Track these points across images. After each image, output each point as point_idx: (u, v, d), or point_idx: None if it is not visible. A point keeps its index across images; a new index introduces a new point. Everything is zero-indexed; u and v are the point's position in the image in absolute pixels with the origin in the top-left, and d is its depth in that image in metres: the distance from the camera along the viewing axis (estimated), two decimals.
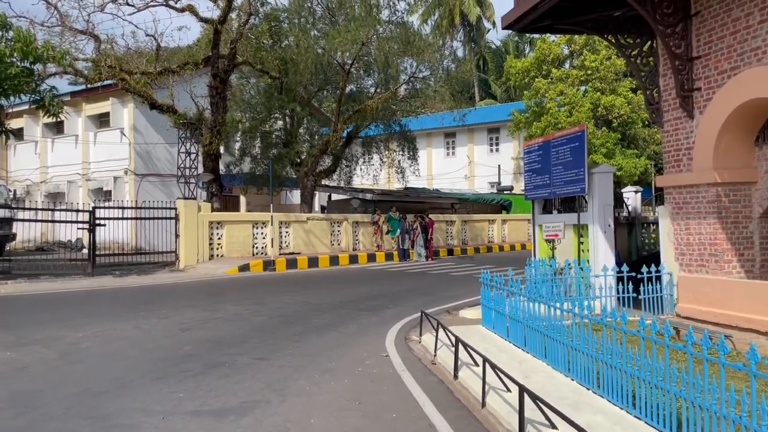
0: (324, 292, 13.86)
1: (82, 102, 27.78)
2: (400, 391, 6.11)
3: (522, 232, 31.87)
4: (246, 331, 9.19)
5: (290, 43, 22.13)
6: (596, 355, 5.41)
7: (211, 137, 20.43)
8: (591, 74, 31.87)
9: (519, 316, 7.45)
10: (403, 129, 25.64)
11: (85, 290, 14.41)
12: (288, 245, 21.53)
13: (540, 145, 13.11)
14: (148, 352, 7.81)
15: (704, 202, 8.91)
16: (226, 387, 6.20)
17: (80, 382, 6.42)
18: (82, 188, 27.74)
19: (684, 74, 9.08)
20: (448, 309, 11.45)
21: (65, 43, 18.37)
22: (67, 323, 9.84)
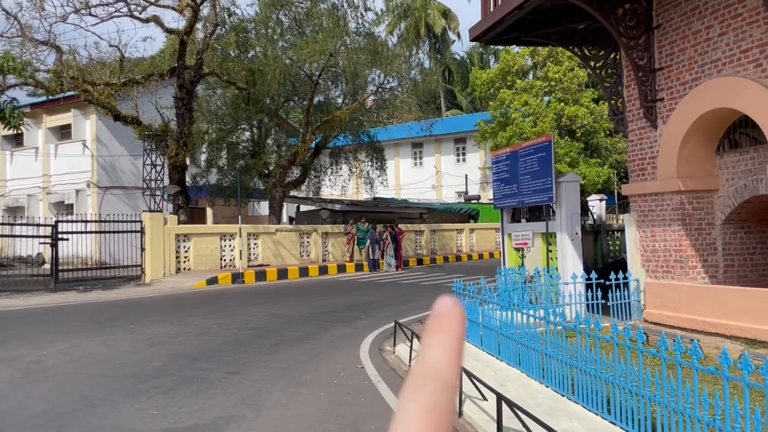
0: (295, 304, 13.75)
1: (43, 114, 27.11)
2: (377, 403, 6.09)
3: (490, 241, 32.16)
4: (217, 345, 9.05)
5: (257, 53, 22.02)
6: (570, 362, 5.48)
7: (177, 149, 20.14)
8: (554, 85, 32.50)
9: (492, 324, 7.51)
10: (372, 139, 25.70)
11: (48, 306, 14.01)
12: (257, 257, 21.32)
13: (508, 155, 13.28)
14: (117, 369, 7.63)
15: (669, 209, 9.13)
16: (199, 402, 6.09)
17: (46, 401, 6.23)
18: (42, 202, 27.02)
19: (647, 85, 9.33)
20: (420, 318, 11.46)
21: (26, 54, 17.93)
22: (29, 341, 9.54)
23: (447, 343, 0.47)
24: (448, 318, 0.48)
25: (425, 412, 0.44)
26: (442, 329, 0.48)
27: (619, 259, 14.29)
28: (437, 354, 0.47)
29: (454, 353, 0.47)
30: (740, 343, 7.52)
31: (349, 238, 23.43)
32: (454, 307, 0.48)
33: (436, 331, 0.48)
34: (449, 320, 0.48)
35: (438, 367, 0.46)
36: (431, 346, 0.48)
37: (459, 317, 0.48)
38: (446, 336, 0.47)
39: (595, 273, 9.82)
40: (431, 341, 0.48)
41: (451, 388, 0.46)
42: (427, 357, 0.47)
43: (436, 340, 0.48)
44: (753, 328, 7.42)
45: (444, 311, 0.48)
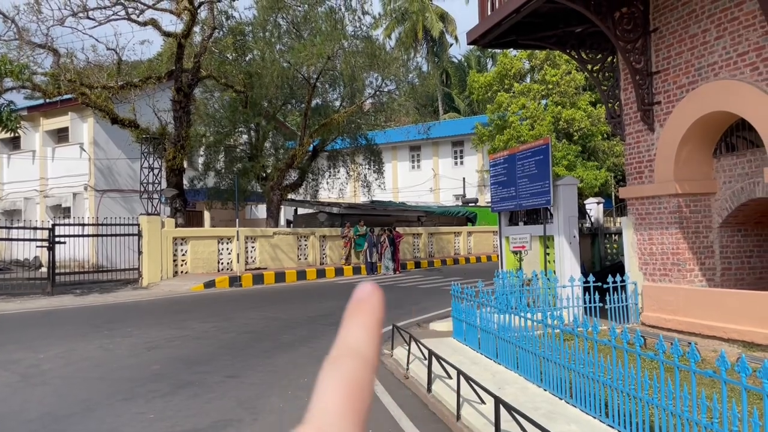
0: (292, 308, 13.74)
1: (40, 117, 27.08)
2: (375, 406, 6.08)
3: (487, 244, 32.18)
4: (214, 349, 9.04)
5: (255, 56, 22.03)
6: (568, 365, 5.48)
7: (175, 152, 20.13)
8: (552, 88, 32.57)
9: (490, 327, 7.51)
10: (370, 142, 25.72)
11: (45, 310, 13.97)
12: (254, 260, 21.30)
13: (505, 158, 13.29)
14: (114, 372, 7.61)
15: (666, 212, 9.14)
16: (196, 406, 6.07)
17: (44, 405, 6.21)
18: (39, 205, 26.97)
19: (644, 88, 9.35)
20: (418, 322, 11.47)
21: (23, 57, 17.91)
22: (27, 344, 9.51)
23: (366, 324, 0.49)
24: (367, 302, 0.50)
25: (344, 385, 0.46)
26: (361, 312, 0.50)
27: (616, 262, 14.31)
28: (357, 334, 0.49)
29: (372, 333, 0.49)
30: (738, 346, 7.53)
31: (346, 242, 23.43)
32: (373, 292, 0.51)
33: (356, 314, 0.50)
34: (368, 304, 0.50)
35: (357, 346, 0.48)
36: (351, 327, 0.49)
37: (377, 301, 0.50)
38: (365, 318, 0.49)
39: (593, 276, 9.84)
40: (351, 323, 0.49)
41: (370, 365, 0.48)
42: (347, 337, 0.49)
43: (356, 321, 0.49)
44: (750, 331, 7.43)
45: (364, 296, 0.50)
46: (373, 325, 0.49)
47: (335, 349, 0.48)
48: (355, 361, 0.47)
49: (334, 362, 0.47)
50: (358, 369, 0.47)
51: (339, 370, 0.47)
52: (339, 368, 0.47)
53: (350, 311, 0.50)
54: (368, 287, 0.51)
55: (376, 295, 0.50)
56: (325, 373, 0.47)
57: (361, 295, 0.51)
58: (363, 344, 0.48)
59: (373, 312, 0.50)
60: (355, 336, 0.49)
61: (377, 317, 0.50)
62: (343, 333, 0.50)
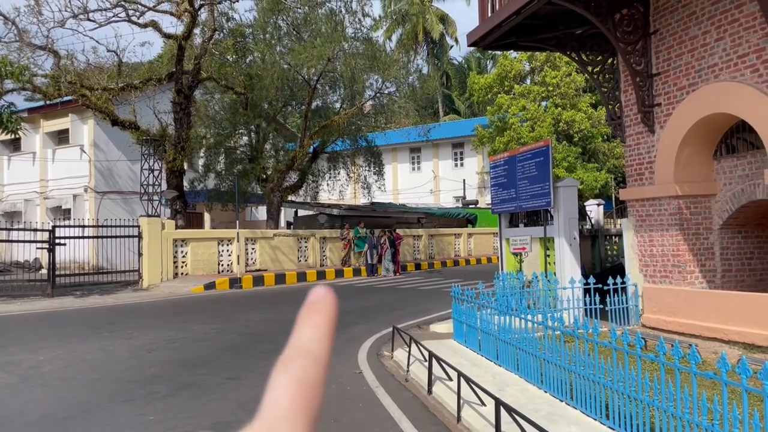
0: (292, 309, 13.66)
1: (40, 118, 27.09)
2: (376, 408, 6.08)
3: (488, 246, 32.17)
4: (214, 351, 9.03)
5: (255, 58, 22.05)
6: (569, 367, 5.48)
7: (175, 153, 20.14)
8: (552, 90, 32.59)
9: (491, 329, 7.50)
10: (370, 144, 25.72)
11: (45, 311, 13.97)
12: (254, 262, 21.30)
13: (506, 159, 13.29)
14: (114, 374, 7.60)
15: (666, 214, 9.14)
16: (196, 408, 6.07)
17: (44, 406, 6.20)
18: (39, 207, 26.97)
19: (644, 90, 9.35)
20: (418, 324, 11.46)
21: (24, 58, 17.92)
22: (27, 346, 9.51)
23: (319, 325, 0.50)
24: (320, 303, 0.51)
25: (295, 384, 0.46)
26: (314, 313, 0.50)
27: (616, 264, 14.30)
28: (309, 334, 0.49)
29: (324, 333, 0.50)
30: (738, 347, 7.52)
31: (345, 243, 23.41)
32: (327, 294, 0.51)
33: (309, 315, 0.50)
34: (322, 305, 0.51)
35: (309, 346, 0.49)
36: (304, 328, 0.50)
37: (330, 302, 0.51)
38: (318, 318, 0.50)
39: (593, 278, 9.84)
40: (304, 324, 0.50)
41: (322, 364, 0.48)
42: (300, 337, 0.49)
43: (309, 323, 0.50)
44: (751, 333, 7.43)
45: (317, 298, 0.51)
46: (326, 325, 0.50)
47: (288, 350, 0.49)
48: (307, 360, 0.48)
49: (285, 362, 0.48)
50: (309, 368, 0.47)
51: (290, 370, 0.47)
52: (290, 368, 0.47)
53: (304, 313, 0.51)
54: (322, 290, 0.52)
55: (329, 297, 0.51)
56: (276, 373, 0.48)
57: (315, 297, 0.51)
58: (315, 344, 0.49)
59: (325, 313, 0.50)
60: (308, 336, 0.49)
61: (330, 318, 0.50)
62: (296, 334, 0.50)
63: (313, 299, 0.51)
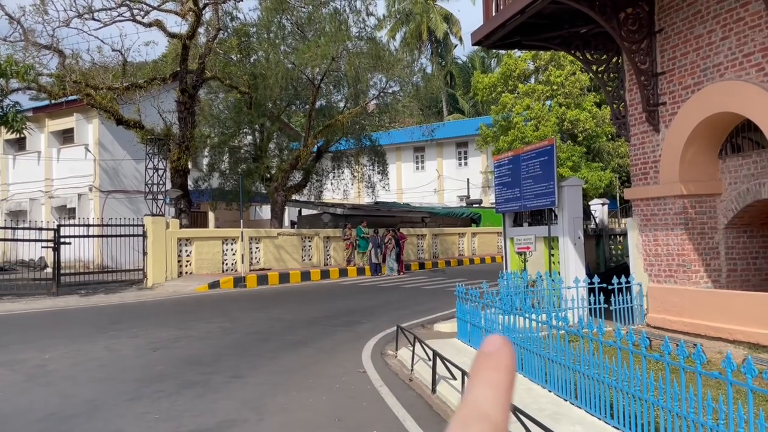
0: (297, 308, 13.75)
1: (45, 118, 27.19)
2: (380, 407, 6.08)
3: (492, 245, 32.14)
4: (219, 349, 9.05)
5: (259, 58, 22.07)
6: (573, 366, 5.47)
7: (180, 153, 20.19)
8: (556, 89, 32.53)
9: (495, 328, 7.50)
10: (374, 143, 25.73)
11: (50, 310, 14.03)
12: (258, 261, 21.33)
13: (510, 159, 13.28)
14: (119, 373, 7.63)
15: (671, 213, 9.12)
16: (201, 406, 6.09)
17: (49, 405, 6.23)
18: (45, 206, 27.07)
19: (649, 89, 9.33)
20: (422, 323, 11.47)
21: (29, 58, 18.00)
22: (32, 345, 9.55)
23: (496, 383, 0.45)
24: (497, 356, 0.46)
25: None
26: (490, 368, 0.45)
27: (621, 264, 14.27)
28: (485, 394, 0.44)
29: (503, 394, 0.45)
30: (743, 347, 7.51)
31: (348, 243, 23.38)
32: (504, 345, 0.46)
33: (485, 369, 0.46)
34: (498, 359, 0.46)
35: (486, 408, 0.44)
36: (479, 385, 0.45)
37: (509, 356, 0.46)
38: (495, 375, 0.45)
39: (598, 277, 9.82)
40: (479, 380, 0.45)
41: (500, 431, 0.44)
42: (475, 396, 0.45)
43: (485, 379, 0.45)
44: (756, 333, 7.41)
45: (493, 349, 0.46)
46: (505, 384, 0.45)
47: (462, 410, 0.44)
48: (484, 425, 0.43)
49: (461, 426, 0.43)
50: None
51: None
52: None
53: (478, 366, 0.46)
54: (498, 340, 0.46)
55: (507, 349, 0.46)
56: None
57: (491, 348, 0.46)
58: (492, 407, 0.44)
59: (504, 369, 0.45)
60: (484, 396, 0.44)
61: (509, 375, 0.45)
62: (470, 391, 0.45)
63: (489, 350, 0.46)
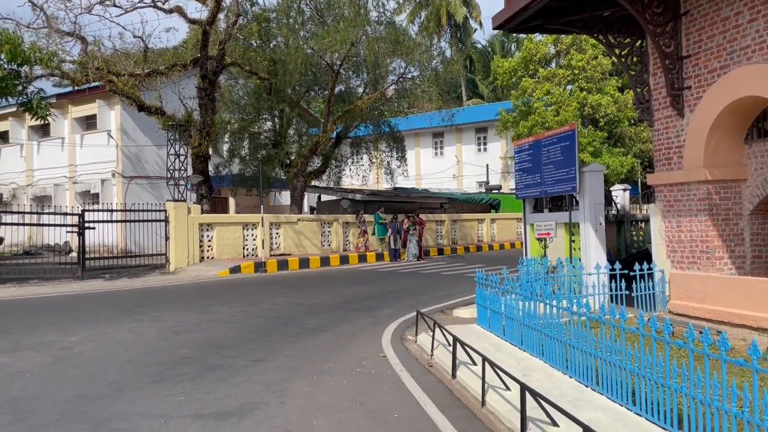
0: (317, 293, 13.84)
1: (68, 104, 27.53)
2: (400, 391, 6.12)
3: (511, 231, 31.99)
4: (241, 333, 9.16)
5: (279, 43, 22.07)
6: (595, 353, 5.45)
7: (200, 139, 20.33)
8: (578, 74, 32.08)
9: (515, 314, 7.49)
10: (393, 129, 25.65)
11: (76, 294, 14.29)
12: (278, 246, 21.48)
13: (531, 144, 13.17)
14: (143, 356, 7.76)
15: (695, 199, 8.99)
16: (224, 389, 6.17)
17: (76, 386, 6.37)
18: (69, 191, 27.49)
19: (674, 73, 9.17)
20: (442, 308, 11.48)
21: (52, 44, 18.19)
22: (59, 327, 9.75)
23: None
24: None
25: None
26: None
27: (642, 250, 14.12)
28: None
29: None
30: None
31: (361, 229, 23.24)
32: None
33: None
34: None
35: None
36: None
37: None
38: None
39: (619, 263, 9.74)
40: None
41: None
42: None
43: None
44: None
45: None
46: None
47: None
48: None
49: None
50: None
51: None
52: None
53: None
54: None
55: None
56: None
57: None
58: None
59: None
60: None
61: None
62: None
63: None
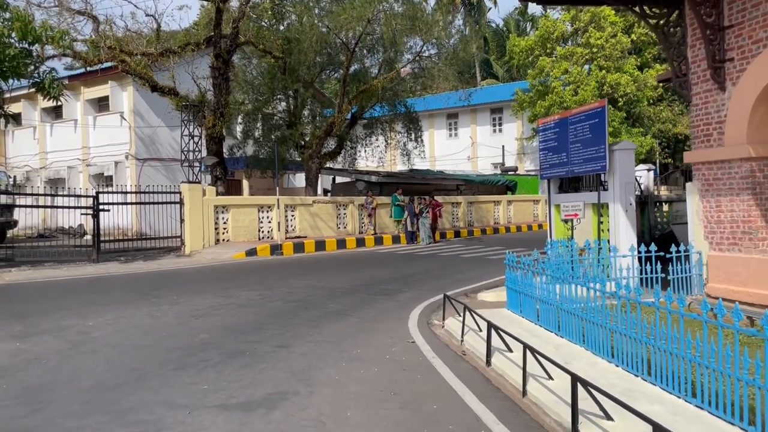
0: (335, 276, 13.55)
1: (81, 86, 27.25)
2: (435, 380, 5.80)
3: (527, 213, 31.55)
4: (261, 317, 8.88)
5: (293, 21, 21.59)
6: (648, 341, 5.09)
7: (215, 119, 19.97)
8: (596, 52, 31.37)
9: (552, 299, 7.13)
10: (409, 110, 25.15)
11: (91, 277, 14.08)
12: (294, 229, 21.20)
13: (556, 122, 12.72)
14: (163, 341, 7.49)
15: (737, 177, 8.55)
16: (249, 377, 5.88)
17: (95, 373, 6.10)
18: (82, 174, 27.31)
19: (715, 44, 8.68)
20: (465, 292, 11.15)
21: (63, 23, 17.85)
22: (75, 311, 9.52)
23: None
24: None
25: None
26: None
27: (666, 232, 13.69)
28: None
29: None
30: None
31: (369, 211, 22.73)
32: None
33: None
34: None
35: None
36: None
37: None
38: None
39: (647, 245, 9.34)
40: None
41: None
42: None
43: None
44: None
45: None
46: None
47: None
48: None
49: None
50: None
51: None
52: None
53: None
54: None
55: None
56: None
57: None
58: None
59: None
60: None
61: None
62: None
63: None
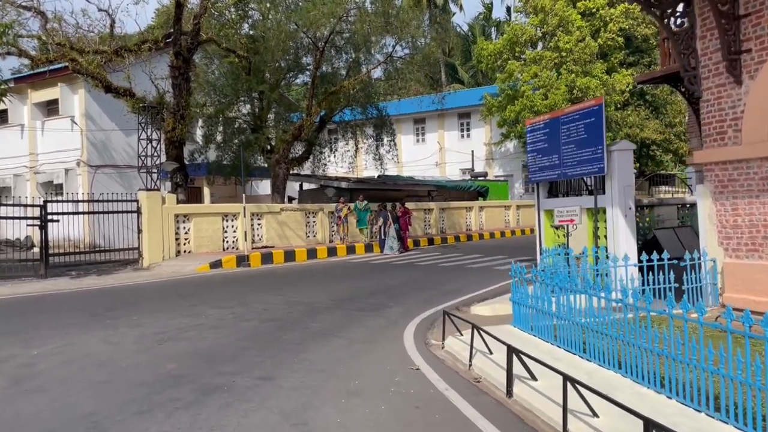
0: (312, 290, 12.50)
1: (28, 89, 25.47)
2: (458, 421, 4.85)
3: (499, 219, 30.99)
4: (236, 341, 7.81)
5: (258, 18, 20.46)
6: (714, 370, 4.26)
7: (174, 122, 18.67)
8: (565, 56, 31.10)
9: (575, 317, 6.27)
10: (381, 112, 24.21)
11: (38, 295, 12.67)
12: (261, 238, 20.03)
13: (546, 122, 12.01)
14: (123, 374, 6.37)
15: (756, 178, 7.90)
16: (232, 423, 4.84)
17: (39, 422, 4.97)
18: (30, 182, 25.49)
19: (731, 34, 8.04)
20: (456, 305, 10.27)
21: (6, 17, 16.36)
22: (18, 337, 8.25)
23: None
24: None
25: None
26: None
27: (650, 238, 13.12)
28: None
29: None
30: None
31: (338, 219, 21.65)
32: None
33: None
34: None
35: None
36: None
37: None
38: None
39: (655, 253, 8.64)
40: None
41: None
42: None
43: None
44: None
45: None
46: None
47: None
48: None
49: None
50: None
51: None
52: None
53: None
54: None
55: None
56: None
57: None
58: None
59: None
60: None
61: None
62: None
63: None
